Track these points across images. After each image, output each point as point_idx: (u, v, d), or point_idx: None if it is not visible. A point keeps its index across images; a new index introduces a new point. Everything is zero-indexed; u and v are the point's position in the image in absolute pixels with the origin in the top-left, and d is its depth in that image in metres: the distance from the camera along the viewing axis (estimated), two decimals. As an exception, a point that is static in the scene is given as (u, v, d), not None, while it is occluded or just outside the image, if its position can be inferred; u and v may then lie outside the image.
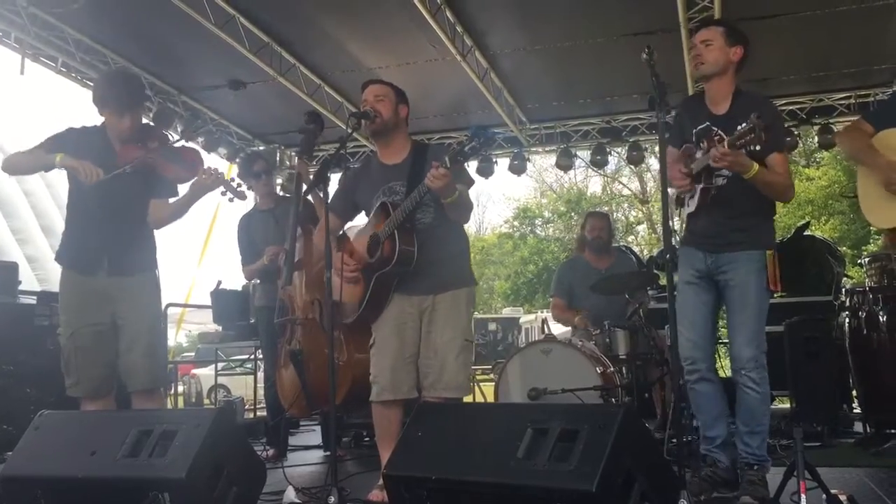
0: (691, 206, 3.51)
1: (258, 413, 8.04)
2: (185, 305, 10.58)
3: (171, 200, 3.93)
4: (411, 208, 3.48)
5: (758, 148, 3.11)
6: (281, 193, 5.32)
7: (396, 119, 3.72)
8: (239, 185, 4.03)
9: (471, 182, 3.71)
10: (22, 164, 3.82)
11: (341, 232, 3.97)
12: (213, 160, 8.94)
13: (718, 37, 3.51)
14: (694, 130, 3.51)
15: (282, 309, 4.90)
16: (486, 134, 3.26)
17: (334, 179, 4.53)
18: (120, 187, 3.73)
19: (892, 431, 4.70)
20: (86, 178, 3.58)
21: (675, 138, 3.65)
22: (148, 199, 3.87)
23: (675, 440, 3.71)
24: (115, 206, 3.75)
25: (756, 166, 3.24)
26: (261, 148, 9.50)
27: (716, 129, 3.39)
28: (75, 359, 3.66)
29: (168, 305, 6.65)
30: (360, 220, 4.01)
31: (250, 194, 5.20)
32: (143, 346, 3.73)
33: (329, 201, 3.62)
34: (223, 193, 3.96)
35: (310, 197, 4.44)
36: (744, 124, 3.07)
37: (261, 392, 8.24)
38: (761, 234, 3.44)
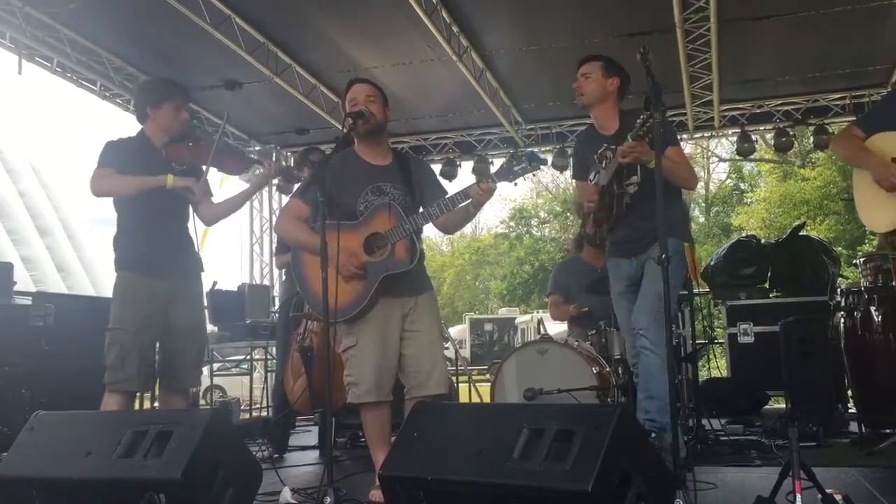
0: (610, 219, 3.81)
1: (254, 413, 8.04)
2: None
3: (220, 200, 4.09)
4: (436, 217, 3.53)
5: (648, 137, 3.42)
6: None
7: (385, 120, 3.76)
8: (293, 172, 4.15)
9: None
10: (121, 188, 3.77)
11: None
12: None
13: (596, 70, 3.87)
14: (594, 156, 3.83)
15: (297, 304, 4.92)
16: (538, 159, 3.44)
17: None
18: (175, 191, 3.83)
19: (888, 431, 4.70)
20: (196, 197, 3.80)
21: (579, 172, 4.06)
22: (188, 203, 3.96)
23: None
24: (175, 210, 3.89)
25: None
26: (256, 148, 9.50)
27: (612, 146, 3.71)
28: (139, 352, 3.71)
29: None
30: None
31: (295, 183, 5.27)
32: (197, 346, 3.97)
33: (302, 192, 3.73)
34: (285, 181, 4.22)
35: None
36: (640, 119, 3.37)
37: (256, 392, 8.25)
38: (675, 228, 3.63)
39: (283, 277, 5.61)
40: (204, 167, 3.97)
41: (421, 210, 3.61)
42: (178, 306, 3.86)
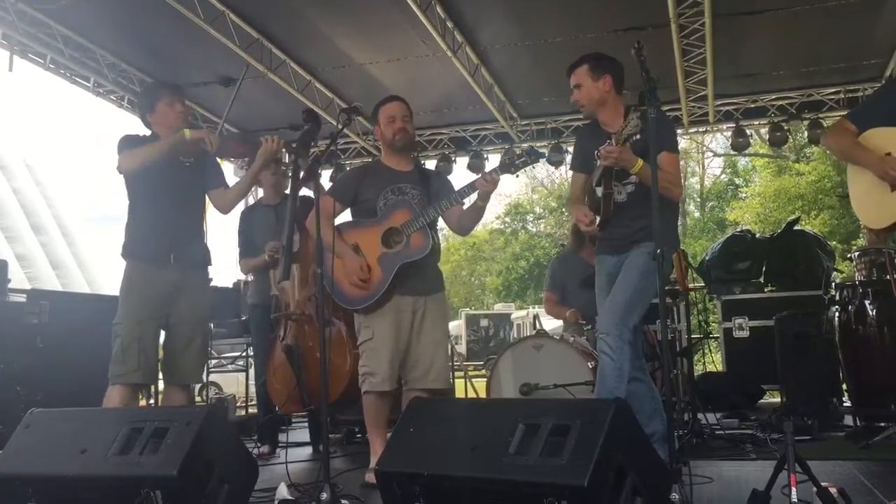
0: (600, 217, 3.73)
1: (250, 410, 8.03)
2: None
3: (229, 188, 4.14)
4: (446, 209, 3.85)
5: (637, 137, 3.37)
6: (286, 191, 5.33)
7: (414, 135, 4.21)
8: (294, 145, 4.19)
9: None
10: (145, 157, 3.79)
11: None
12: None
13: (584, 77, 3.73)
14: (596, 151, 3.66)
15: (277, 305, 4.90)
16: (537, 153, 3.78)
17: (326, 176, 4.70)
18: (185, 181, 3.91)
19: (882, 425, 4.73)
20: (211, 146, 3.81)
21: (578, 163, 3.94)
22: (200, 194, 4.04)
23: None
24: (183, 200, 3.94)
25: (641, 161, 3.43)
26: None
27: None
28: (140, 345, 3.75)
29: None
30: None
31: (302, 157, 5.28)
32: (199, 344, 3.98)
33: (335, 188, 4.13)
34: (288, 155, 4.38)
35: (308, 191, 4.49)
36: (627, 120, 3.31)
37: (252, 389, 8.25)
38: (663, 233, 3.42)
39: (251, 278, 5.56)
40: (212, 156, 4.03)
41: (433, 204, 3.89)
42: (182, 299, 3.88)
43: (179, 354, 3.90)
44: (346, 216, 4.15)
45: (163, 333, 3.95)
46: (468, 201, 3.91)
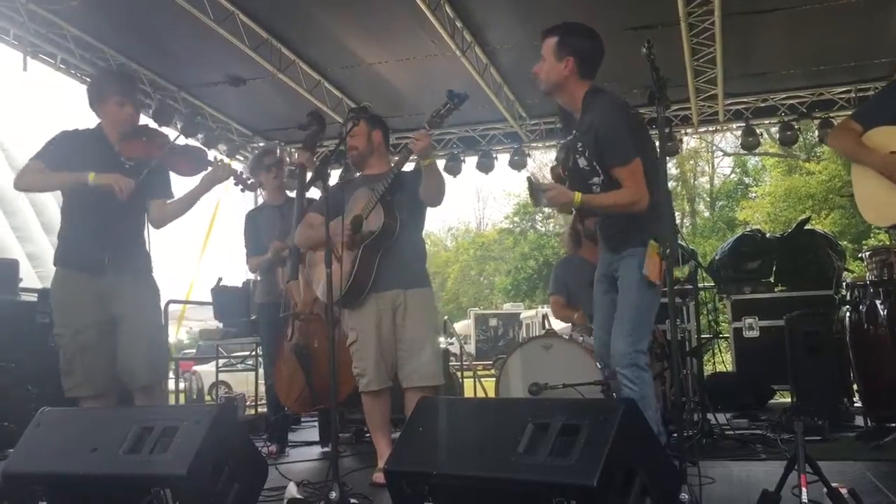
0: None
1: (259, 409, 8.05)
2: (186, 302, 10.58)
3: (169, 201, 3.96)
4: (391, 179, 3.87)
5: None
6: (290, 193, 5.36)
7: (371, 146, 4.14)
8: (249, 179, 4.11)
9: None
10: (41, 184, 3.82)
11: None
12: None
13: (549, 52, 3.58)
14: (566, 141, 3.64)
15: (286, 304, 4.91)
16: (459, 96, 3.67)
17: (333, 176, 4.75)
18: (100, 188, 3.69)
19: (893, 425, 4.70)
20: (121, 193, 3.60)
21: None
22: (143, 200, 3.85)
23: (675, 434, 3.74)
24: (116, 207, 3.69)
25: (578, 196, 3.35)
26: (261, 144, 9.52)
27: (578, 144, 3.50)
28: (81, 357, 3.62)
29: (169, 302, 6.66)
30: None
31: (252, 191, 5.23)
32: (144, 344, 3.74)
33: (315, 204, 4.13)
34: (236, 184, 4.05)
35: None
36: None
37: (262, 388, 8.28)
38: (642, 230, 3.36)
39: (259, 278, 5.58)
40: (157, 165, 3.84)
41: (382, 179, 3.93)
42: (122, 304, 3.70)
43: (131, 356, 3.69)
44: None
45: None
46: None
